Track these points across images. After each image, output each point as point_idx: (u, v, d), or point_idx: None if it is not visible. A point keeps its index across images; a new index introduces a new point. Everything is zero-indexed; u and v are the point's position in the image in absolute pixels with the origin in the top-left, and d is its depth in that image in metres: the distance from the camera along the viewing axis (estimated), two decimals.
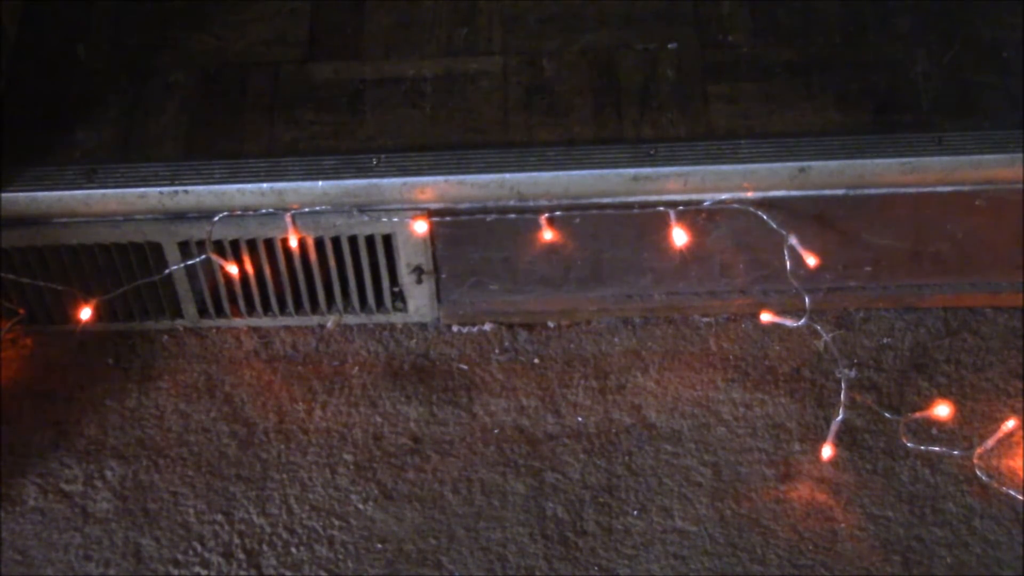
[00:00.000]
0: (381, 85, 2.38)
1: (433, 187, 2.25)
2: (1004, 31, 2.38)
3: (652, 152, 2.25)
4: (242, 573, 2.18)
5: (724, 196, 2.26)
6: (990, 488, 2.23)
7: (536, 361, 2.41)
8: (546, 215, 2.27)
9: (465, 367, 2.41)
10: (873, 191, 2.26)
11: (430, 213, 2.28)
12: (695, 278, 2.39)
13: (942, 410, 2.27)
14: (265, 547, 2.21)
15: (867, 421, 2.30)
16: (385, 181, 2.25)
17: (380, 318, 2.45)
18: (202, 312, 2.44)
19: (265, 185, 2.25)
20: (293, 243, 2.31)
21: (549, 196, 2.26)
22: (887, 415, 2.29)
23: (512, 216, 2.27)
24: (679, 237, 2.27)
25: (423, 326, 2.45)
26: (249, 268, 2.36)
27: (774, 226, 2.24)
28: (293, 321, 2.45)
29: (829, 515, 2.21)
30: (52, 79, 2.41)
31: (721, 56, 2.39)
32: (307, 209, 2.27)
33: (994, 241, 2.34)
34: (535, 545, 2.20)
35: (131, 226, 2.29)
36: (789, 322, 2.32)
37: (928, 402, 2.30)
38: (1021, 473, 2.24)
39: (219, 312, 2.43)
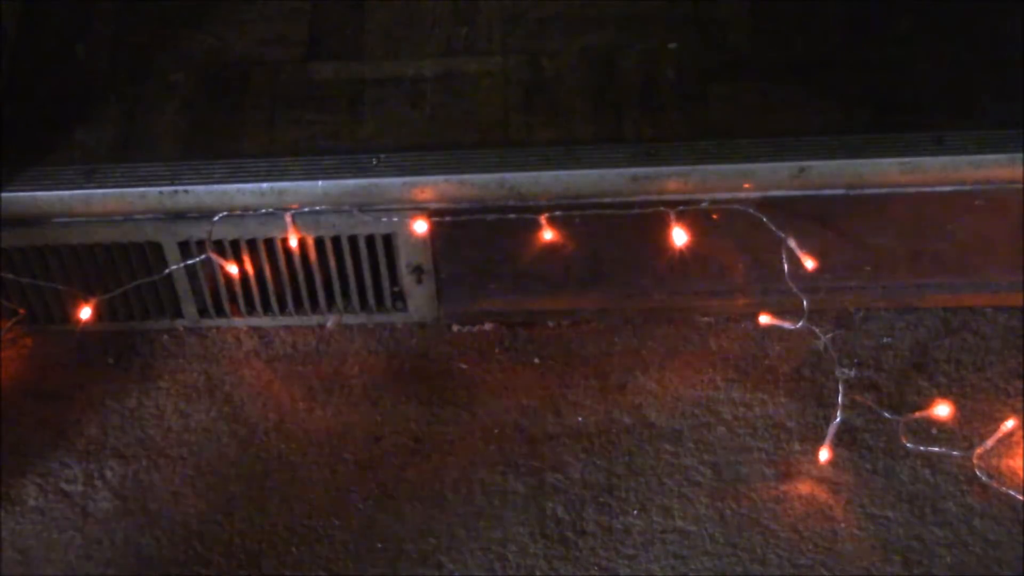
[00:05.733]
0: (381, 85, 2.38)
1: (433, 187, 2.25)
2: (1004, 31, 2.38)
3: (652, 152, 2.25)
4: (242, 573, 2.18)
5: (724, 196, 2.26)
6: (990, 488, 2.23)
7: (536, 361, 2.41)
8: (546, 215, 2.27)
9: (465, 367, 2.40)
10: (873, 191, 2.26)
11: (430, 213, 2.28)
12: (695, 278, 2.39)
13: (942, 410, 2.27)
14: (265, 547, 2.21)
15: (867, 421, 2.30)
16: (385, 181, 2.25)
17: (380, 318, 2.45)
18: (202, 312, 2.44)
19: (265, 185, 2.25)
20: (293, 243, 2.30)
21: (549, 196, 2.26)
22: (887, 415, 2.29)
23: (512, 216, 2.27)
24: (679, 237, 2.27)
25: (423, 326, 2.45)
26: (249, 268, 2.36)
27: (773, 229, 2.24)
28: (293, 321, 2.45)
29: (829, 515, 2.21)
30: (52, 79, 2.41)
31: (721, 56, 2.39)
32: (307, 209, 2.27)
33: (994, 241, 2.34)
34: (535, 545, 2.20)
35: (131, 226, 2.29)
36: (788, 324, 2.32)
37: (928, 402, 2.30)
38: (1021, 473, 2.24)
39: (219, 312, 2.43)
